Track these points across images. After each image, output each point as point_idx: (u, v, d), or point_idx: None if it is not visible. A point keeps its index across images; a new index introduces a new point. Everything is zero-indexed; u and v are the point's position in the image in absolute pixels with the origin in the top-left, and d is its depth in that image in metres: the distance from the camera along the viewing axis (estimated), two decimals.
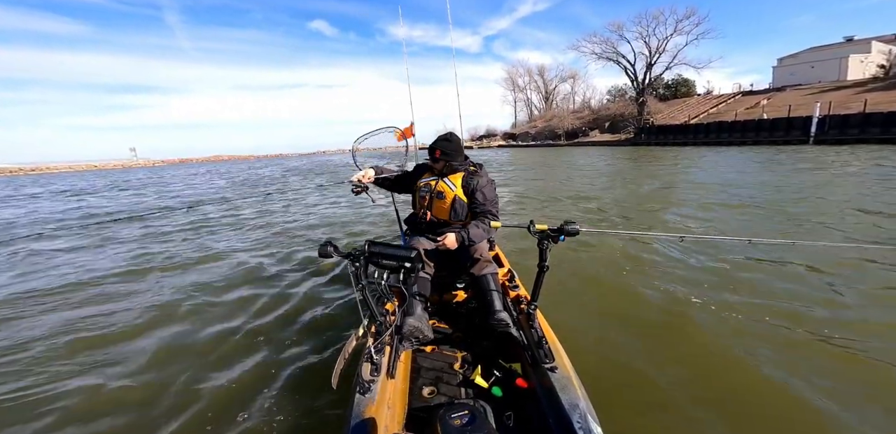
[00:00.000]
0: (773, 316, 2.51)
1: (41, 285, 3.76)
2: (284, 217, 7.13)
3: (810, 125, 21.46)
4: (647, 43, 38.78)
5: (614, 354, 2.17)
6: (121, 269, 4.15)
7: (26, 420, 1.87)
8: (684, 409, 1.74)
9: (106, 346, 2.54)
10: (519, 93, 59.97)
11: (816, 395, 1.78)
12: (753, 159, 14.32)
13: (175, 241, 5.42)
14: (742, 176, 9.76)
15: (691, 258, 3.63)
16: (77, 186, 19.38)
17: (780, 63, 40.71)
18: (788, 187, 7.49)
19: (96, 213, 8.89)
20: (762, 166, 11.89)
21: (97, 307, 3.18)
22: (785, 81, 37.62)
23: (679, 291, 2.95)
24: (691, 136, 28.36)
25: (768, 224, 4.67)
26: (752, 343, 2.23)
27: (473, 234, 1.91)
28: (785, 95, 32.40)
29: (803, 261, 3.38)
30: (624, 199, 7.33)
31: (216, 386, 2.05)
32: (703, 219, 4.99)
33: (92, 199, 12.81)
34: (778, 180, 8.55)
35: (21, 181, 30.00)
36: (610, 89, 49.98)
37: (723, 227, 4.47)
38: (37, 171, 51.73)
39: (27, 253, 5.07)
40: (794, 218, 4.89)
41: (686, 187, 8.30)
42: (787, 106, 25.52)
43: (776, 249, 3.65)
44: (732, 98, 37.20)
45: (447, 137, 2.07)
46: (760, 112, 28.11)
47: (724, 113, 32.21)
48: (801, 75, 36.88)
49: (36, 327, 2.83)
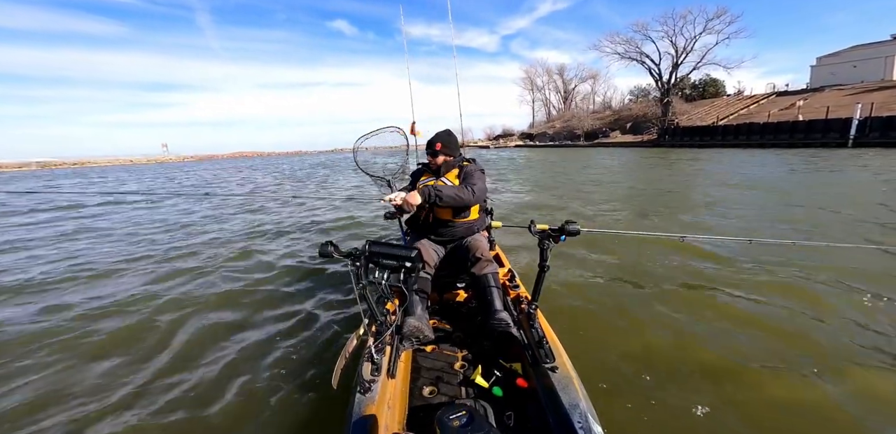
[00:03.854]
0: (772, 315, 2.53)
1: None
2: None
3: (850, 127, 20.64)
4: (673, 42, 38.25)
5: (615, 354, 2.20)
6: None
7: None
8: (684, 409, 1.76)
9: (105, 344, 2.62)
10: (537, 92, 59.83)
11: (822, 398, 1.78)
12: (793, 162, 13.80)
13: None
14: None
15: (691, 258, 3.67)
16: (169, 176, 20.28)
17: (820, 62, 39.29)
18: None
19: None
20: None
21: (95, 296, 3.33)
22: (824, 81, 36.33)
23: (680, 291, 2.99)
24: (719, 138, 27.68)
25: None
26: (753, 343, 2.25)
27: (441, 187, 1.90)
28: (823, 96, 31.30)
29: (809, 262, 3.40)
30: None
31: (216, 386, 2.10)
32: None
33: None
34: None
35: (69, 172, 31.34)
36: (632, 89, 49.39)
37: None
38: (79, 165, 55.13)
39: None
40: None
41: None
42: (825, 107, 24.63)
43: (778, 250, 3.72)
44: (766, 98, 36.18)
45: (448, 132, 2.20)
46: (796, 113, 27.21)
47: (756, 114, 31.33)
48: (842, 75, 35.53)
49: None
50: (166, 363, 2.36)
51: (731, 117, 32.69)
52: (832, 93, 31.50)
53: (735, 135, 26.79)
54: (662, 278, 3.27)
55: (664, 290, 3.03)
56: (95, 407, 1.97)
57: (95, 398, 2.04)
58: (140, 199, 10.44)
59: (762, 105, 34.22)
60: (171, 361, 2.38)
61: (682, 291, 3.01)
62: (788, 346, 2.23)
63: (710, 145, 27.43)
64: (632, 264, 3.65)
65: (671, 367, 2.07)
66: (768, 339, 2.31)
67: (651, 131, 36.38)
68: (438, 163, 2.14)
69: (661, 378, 1.97)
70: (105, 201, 10.26)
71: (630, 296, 3.00)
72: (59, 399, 2.04)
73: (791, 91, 37.01)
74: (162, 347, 2.54)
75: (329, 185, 13.43)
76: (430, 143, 2.14)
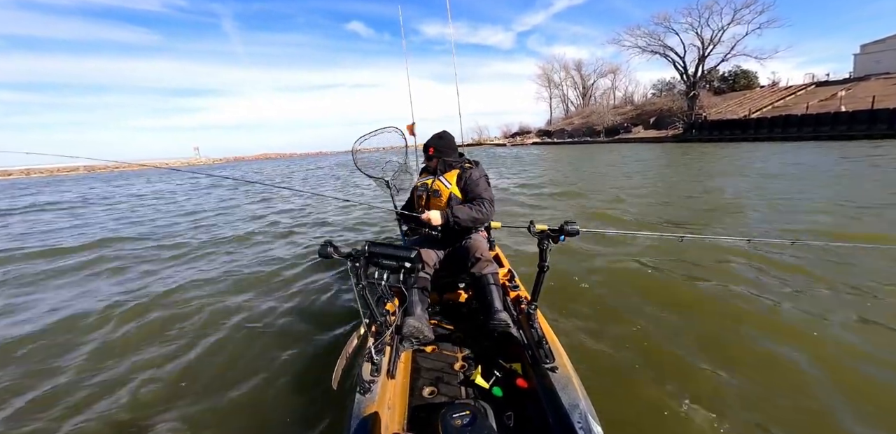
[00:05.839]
0: (773, 316, 2.51)
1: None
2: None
3: None
4: (699, 34, 36.74)
5: (615, 354, 2.19)
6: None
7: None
8: (685, 409, 1.75)
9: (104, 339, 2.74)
10: (554, 89, 59.04)
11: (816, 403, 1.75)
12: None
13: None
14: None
15: (692, 258, 3.64)
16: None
17: (864, 50, 37.08)
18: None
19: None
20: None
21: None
22: (869, 70, 34.30)
23: (680, 291, 2.99)
24: (751, 132, 26.53)
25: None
26: (754, 343, 2.24)
27: (458, 210, 1.98)
28: (868, 85, 29.57)
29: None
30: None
31: (215, 386, 2.14)
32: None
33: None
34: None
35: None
36: (655, 83, 47.94)
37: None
38: (120, 169, 58.85)
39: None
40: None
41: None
42: (870, 97, 23.25)
43: (780, 249, 3.70)
44: (803, 89, 34.46)
45: (440, 135, 2.24)
46: (838, 104, 25.75)
47: (794, 106, 29.86)
48: (889, 63, 33.43)
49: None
50: (166, 363, 2.39)
51: (764, 110, 31.26)
52: (878, 82, 29.75)
53: (770, 128, 25.62)
54: (663, 278, 3.26)
55: (665, 290, 3.03)
56: (95, 406, 2.02)
57: (94, 397, 2.10)
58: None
59: (800, 96, 32.57)
60: (172, 361, 2.41)
61: (684, 291, 3.00)
62: (790, 346, 2.18)
63: (741, 139, 26.33)
64: (632, 264, 3.63)
65: (671, 367, 2.06)
66: (769, 338, 2.27)
67: (676, 126, 35.18)
68: (434, 165, 2.21)
69: (661, 378, 1.96)
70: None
71: (630, 295, 2.98)
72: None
73: (832, 81, 35.14)
74: (162, 347, 2.59)
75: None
76: (424, 148, 2.23)
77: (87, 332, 2.89)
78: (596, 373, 1.97)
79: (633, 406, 1.80)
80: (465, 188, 2.11)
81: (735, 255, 3.65)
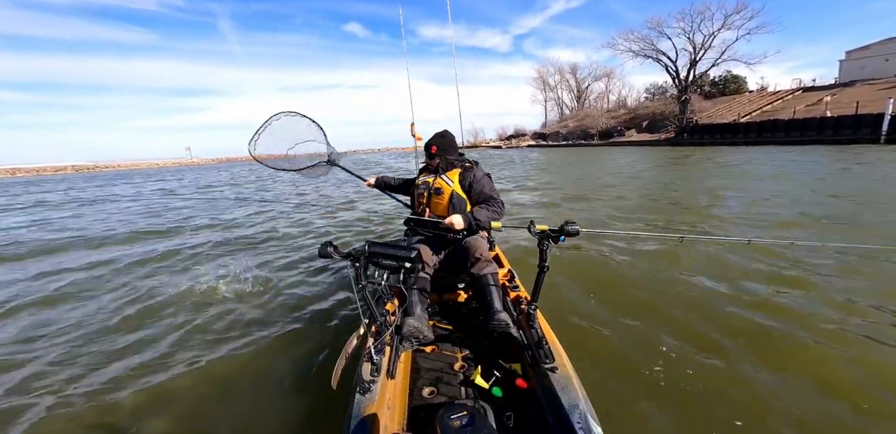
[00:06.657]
0: (776, 316, 2.52)
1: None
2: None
3: (881, 123, 19.96)
4: (690, 39, 37.59)
5: (615, 355, 2.21)
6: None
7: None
8: (685, 409, 1.77)
9: (105, 340, 2.71)
10: (549, 92, 59.55)
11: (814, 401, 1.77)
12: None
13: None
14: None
15: (692, 258, 3.66)
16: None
17: (849, 56, 38.21)
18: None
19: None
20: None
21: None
22: (854, 76, 35.34)
23: (680, 291, 3.00)
24: (741, 136, 27.09)
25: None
26: (754, 343, 2.26)
27: (478, 213, 2.03)
28: (853, 91, 30.41)
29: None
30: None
31: (214, 385, 2.14)
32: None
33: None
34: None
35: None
36: (648, 87, 48.67)
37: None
38: (110, 168, 57.78)
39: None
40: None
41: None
42: (854, 102, 23.90)
43: (781, 250, 3.74)
44: (791, 94, 35.32)
45: (442, 134, 2.28)
46: (823, 109, 26.41)
47: (781, 110, 30.57)
48: (873, 69, 34.53)
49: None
50: (164, 362, 2.40)
51: (753, 114, 31.95)
52: (862, 88, 30.60)
53: (758, 132, 26.19)
54: (663, 278, 3.28)
55: (665, 291, 3.04)
56: (88, 408, 2.00)
57: (93, 397, 2.09)
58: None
59: (787, 101, 33.35)
60: (171, 361, 2.42)
61: (684, 291, 3.02)
62: (789, 345, 2.21)
63: (730, 143, 26.84)
64: (633, 264, 3.64)
65: (672, 367, 2.08)
66: (770, 338, 2.29)
67: (668, 129, 35.77)
68: (435, 164, 2.24)
69: (661, 378, 1.98)
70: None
71: (631, 296, 3.00)
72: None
73: (818, 86, 36.10)
74: (161, 347, 2.59)
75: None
76: (426, 147, 2.26)
77: (87, 331, 2.86)
78: (596, 373, 1.98)
79: (633, 406, 1.81)
80: (471, 188, 2.14)
81: (735, 254, 3.67)
